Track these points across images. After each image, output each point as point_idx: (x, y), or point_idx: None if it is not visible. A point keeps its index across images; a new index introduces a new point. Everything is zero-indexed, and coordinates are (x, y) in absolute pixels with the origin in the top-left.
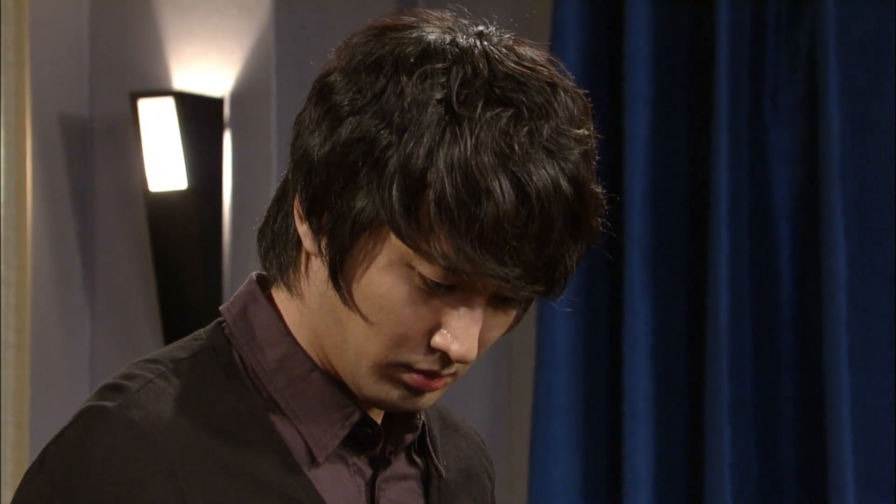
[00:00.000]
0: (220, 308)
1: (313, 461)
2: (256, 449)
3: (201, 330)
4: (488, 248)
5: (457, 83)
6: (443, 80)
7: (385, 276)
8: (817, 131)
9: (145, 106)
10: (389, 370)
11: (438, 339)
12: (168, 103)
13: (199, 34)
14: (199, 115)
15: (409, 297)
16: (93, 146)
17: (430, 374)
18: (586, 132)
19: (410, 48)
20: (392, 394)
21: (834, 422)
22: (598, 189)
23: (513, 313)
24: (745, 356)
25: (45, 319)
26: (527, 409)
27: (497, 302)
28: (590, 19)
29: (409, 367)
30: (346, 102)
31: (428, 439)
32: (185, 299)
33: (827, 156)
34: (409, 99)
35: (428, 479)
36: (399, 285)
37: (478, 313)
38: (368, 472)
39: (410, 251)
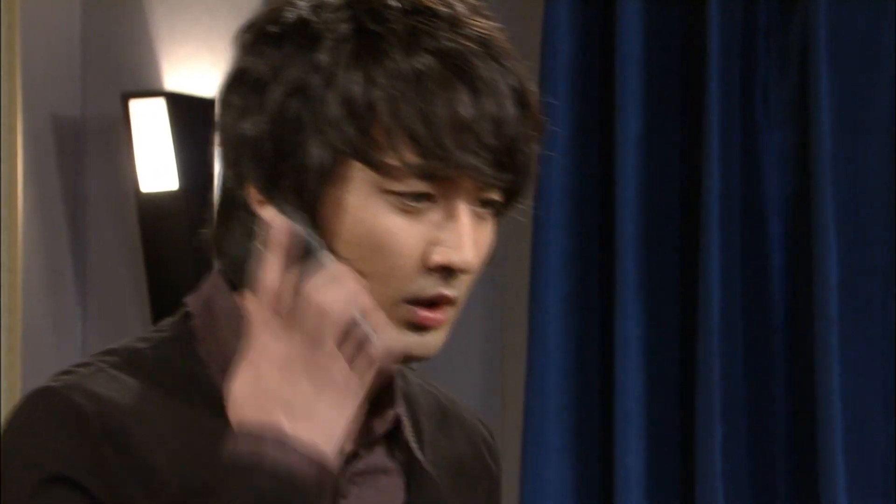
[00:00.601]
0: (184, 299)
1: None
2: (214, 440)
3: (165, 320)
4: (449, 139)
5: (361, 7)
6: (348, 11)
7: (363, 212)
8: (809, 132)
9: (137, 106)
10: (399, 312)
11: (437, 257)
12: (159, 104)
13: (191, 35)
14: (191, 116)
15: (394, 224)
16: (84, 146)
17: (436, 302)
18: (492, 23)
19: (302, 3)
20: (408, 340)
21: (825, 423)
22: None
23: (491, 226)
24: (736, 357)
25: (37, 320)
26: (518, 411)
27: (477, 209)
28: (581, 20)
29: (415, 301)
30: (264, 70)
31: (407, 430)
32: (177, 300)
33: (818, 157)
34: (323, 38)
35: (411, 473)
36: (380, 215)
37: (465, 219)
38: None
39: (379, 175)
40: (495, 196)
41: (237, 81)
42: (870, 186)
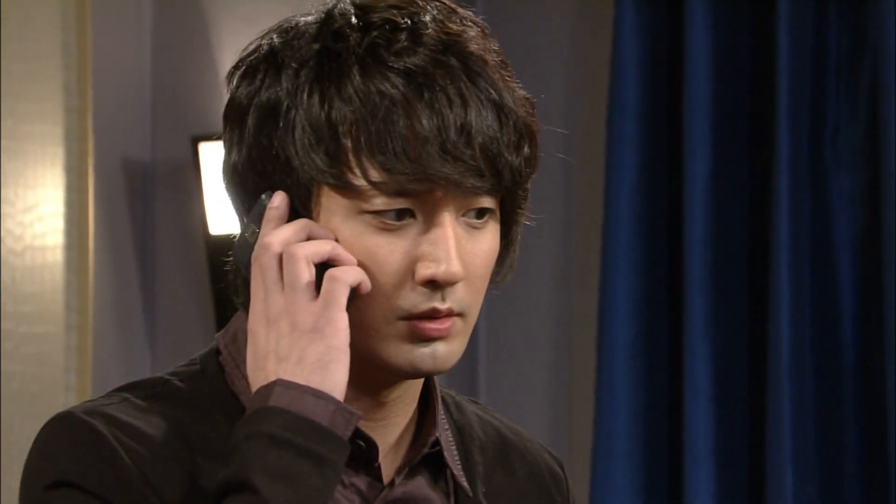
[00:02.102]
0: (216, 335)
1: None
2: None
3: (197, 354)
4: (414, 152)
5: (327, 28)
6: (314, 30)
7: (345, 234)
8: (878, 174)
9: (206, 149)
10: (397, 328)
11: (422, 271)
12: None
13: None
14: None
15: (375, 244)
16: (154, 190)
17: (433, 315)
18: (468, 25)
19: (275, 29)
20: (414, 353)
21: None
22: (513, 80)
23: (490, 234)
24: (807, 399)
25: (107, 363)
26: (587, 453)
27: (468, 221)
28: (649, 59)
29: (410, 317)
30: (243, 98)
31: (450, 457)
32: None
33: (889, 198)
34: (290, 61)
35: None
36: (361, 236)
37: (447, 230)
38: (369, 492)
39: (351, 197)
40: (486, 204)
41: (225, 118)
42: None
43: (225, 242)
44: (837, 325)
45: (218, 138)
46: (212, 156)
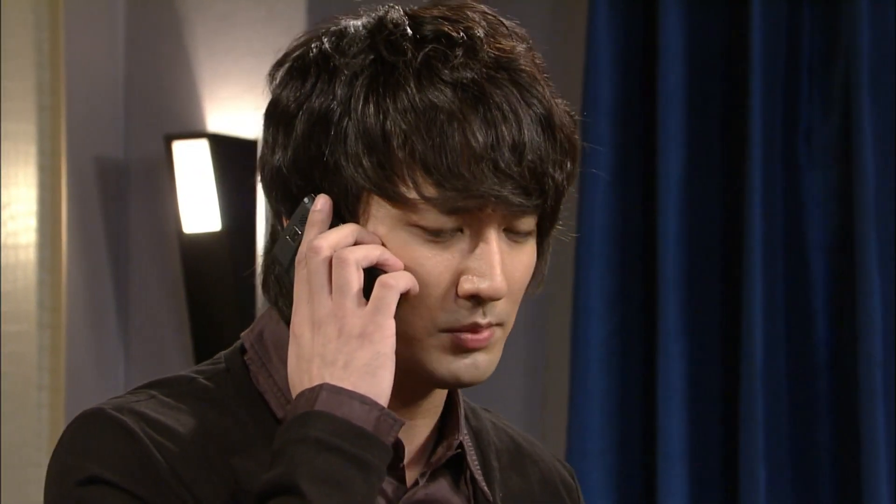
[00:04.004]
0: (241, 334)
1: None
2: (265, 468)
3: (222, 353)
4: (465, 170)
5: (381, 37)
6: (368, 41)
7: (391, 243)
8: (852, 172)
9: (180, 148)
10: (440, 340)
11: (466, 286)
12: (202, 145)
13: (233, 77)
14: (233, 157)
15: (422, 255)
16: (128, 188)
17: (475, 328)
18: (517, 41)
19: (323, 31)
20: (456, 364)
21: (870, 465)
22: (557, 96)
23: (529, 248)
24: (779, 398)
25: (80, 361)
26: (560, 452)
27: (510, 235)
28: (622, 59)
29: (451, 330)
30: (291, 102)
31: (472, 459)
32: (219, 340)
33: (861, 197)
34: (342, 70)
35: None
36: (407, 246)
37: (493, 245)
38: (394, 493)
39: (401, 209)
40: (528, 221)
41: (268, 117)
42: None
43: (198, 241)
44: (810, 323)
45: (190, 137)
46: (185, 154)
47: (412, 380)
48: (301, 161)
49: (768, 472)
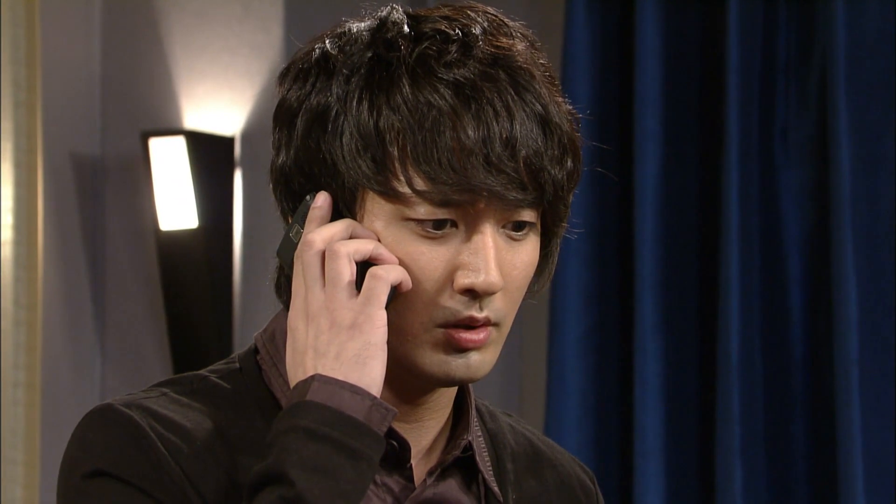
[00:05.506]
0: (254, 335)
1: None
2: None
3: (237, 353)
4: (459, 163)
5: (380, 36)
6: (367, 37)
7: (387, 239)
8: (828, 170)
9: (156, 145)
10: (434, 336)
11: (462, 280)
12: (179, 142)
13: (210, 74)
14: (210, 154)
15: (417, 250)
16: (104, 185)
17: (471, 324)
18: (519, 40)
19: (329, 33)
20: (448, 362)
21: (845, 462)
22: (559, 95)
23: (530, 247)
24: (756, 395)
25: (56, 359)
26: None
27: (508, 233)
28: (599, 58)
29: (447, 325)
30: (293, 101)
31: (481, 460)
32: (196, 337)
33: (838, 195)
34: (342, 66)
35: None
36: (403, 242)
37: (488, 240)
38: (400, 492)
39: (395, 204)
40: (527, 217)
41: (274, 119)
42: (890, 224)
43: (175, 238)
44: (786, 320)
45: (167, 133)
46: (162, 151)
47: (408, 375)
48: (302, 159)
49: (744, 468)
